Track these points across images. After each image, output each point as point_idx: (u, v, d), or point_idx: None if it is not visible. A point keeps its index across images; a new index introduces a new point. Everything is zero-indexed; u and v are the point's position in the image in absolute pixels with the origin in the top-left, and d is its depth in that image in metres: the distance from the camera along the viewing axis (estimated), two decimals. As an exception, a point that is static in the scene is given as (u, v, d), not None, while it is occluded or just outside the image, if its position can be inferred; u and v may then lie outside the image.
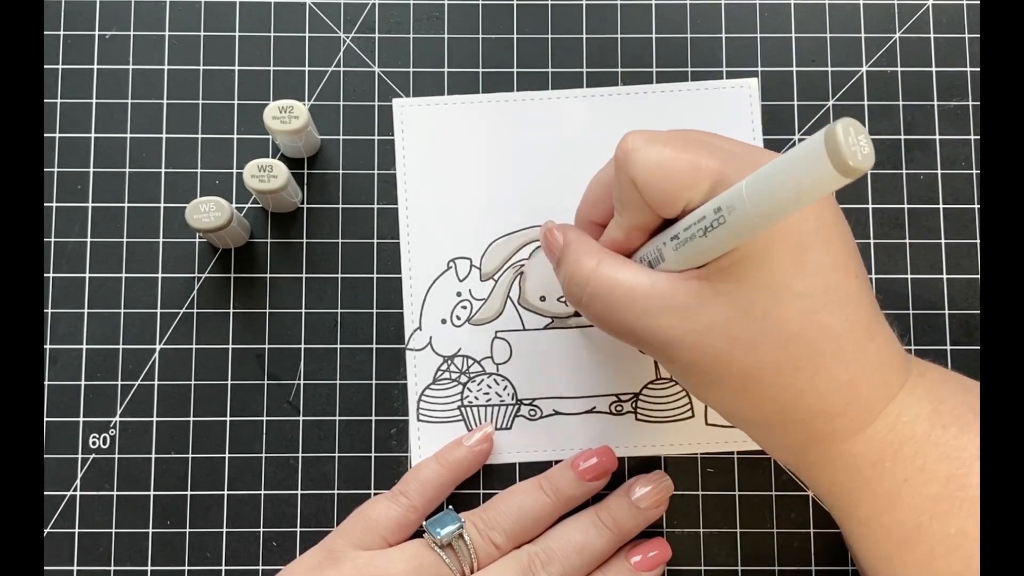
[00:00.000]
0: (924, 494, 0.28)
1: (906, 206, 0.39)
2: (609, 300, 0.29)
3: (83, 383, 0.38)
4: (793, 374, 0.27)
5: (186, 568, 0.37)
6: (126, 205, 0.39)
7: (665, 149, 0.28)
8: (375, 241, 0.39)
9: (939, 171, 0.39)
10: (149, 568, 0.37)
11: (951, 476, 0.27)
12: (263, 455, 0.37)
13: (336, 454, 0.38)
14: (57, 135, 0.39)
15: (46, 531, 0.37)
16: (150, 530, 0.37)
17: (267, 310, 0.38)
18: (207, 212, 0.35)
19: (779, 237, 0.26)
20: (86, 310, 0.38)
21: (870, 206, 0.39)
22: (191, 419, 0.38)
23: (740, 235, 0.26)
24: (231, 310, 0.38)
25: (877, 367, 0.28)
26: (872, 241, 0.39)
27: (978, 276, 0.38)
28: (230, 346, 0.38)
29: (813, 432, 0.28)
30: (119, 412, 0.38)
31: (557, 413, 0.38)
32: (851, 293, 0.27)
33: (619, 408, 0.38)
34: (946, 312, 0.38)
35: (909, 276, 0.38)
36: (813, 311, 0.27)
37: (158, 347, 0.38)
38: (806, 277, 0.27)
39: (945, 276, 0.38)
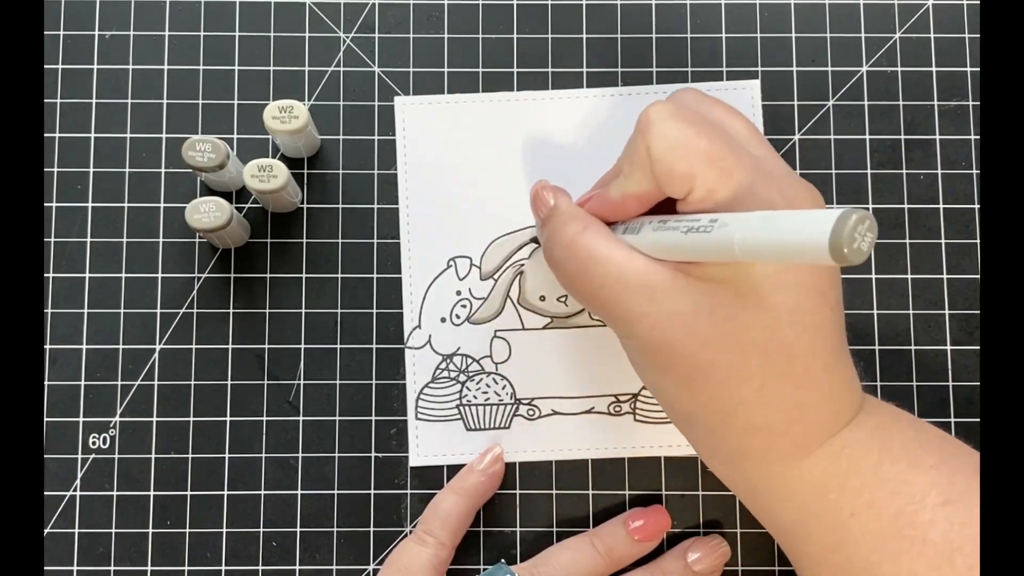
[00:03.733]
0: (872, 531, 0.27)
1: (906, 206, 0.39)
2: (585, 265, 0.29)
3: (83, 383, 0.38)
4: (742, 381, 0.27)
5: (186, 568, 0.37)
6: (126, 205, 0.39)
7: (688, 130, 0.27)
8: (375, 241, 0.39)
9: (939, 171, 0.39)
10: (149, 568, 0.37)
11: (900, 512, 0.27)
12: (263, 455, 0.37)
13: (336, 454, 0.38)
14: (57, 135, 0.39)
15: (46, 531, 0.37)
16: (150, 530, 0.37)
17: (267, 310, 0.38)
18: (207, 212, 0.35)
19: None
20: (86, 310, 0.38)
21: (870, 206, 0.39)
22: (191, 419, 0.38)
23: (716, 255, 0.25)
24: (231, 310, 0.38)
25: (828, 397, 0.28)
26: (872, 241, 0.39)
27: (978, 276, 0.38)
28: (230, 346, 0.38)
29: (751, 445, 0.28)
30: (119, 412, 0.38)
31: (556, 413, 0.38)
32: (821, 321, 0.27)
33: (618, 408, 0.38)
34: (946, 312, 0.38)
35: (909, 276, 0.38)
36: (777, 327, 0.26)
37: (158, 347, 0.38)
38: (781, 292, 0.26)
39: (945, 276, 0.38)
